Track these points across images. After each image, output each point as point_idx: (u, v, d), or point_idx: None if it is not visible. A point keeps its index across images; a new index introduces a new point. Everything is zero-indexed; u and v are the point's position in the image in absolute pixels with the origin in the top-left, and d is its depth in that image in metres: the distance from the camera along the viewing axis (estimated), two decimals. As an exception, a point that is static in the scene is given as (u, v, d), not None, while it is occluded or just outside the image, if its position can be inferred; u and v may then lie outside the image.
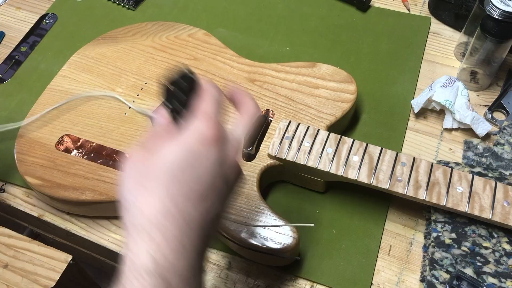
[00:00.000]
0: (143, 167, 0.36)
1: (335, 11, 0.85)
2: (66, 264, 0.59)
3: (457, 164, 0.63)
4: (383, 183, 0.56)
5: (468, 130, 0.68)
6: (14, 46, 0.84)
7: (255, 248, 0.55)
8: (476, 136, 0.66)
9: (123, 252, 0.35)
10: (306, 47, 0.81)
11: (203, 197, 0.36)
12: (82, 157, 0.64)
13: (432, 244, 0.56)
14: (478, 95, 0.73)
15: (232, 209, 0.57)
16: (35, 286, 0.58)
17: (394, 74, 0.76)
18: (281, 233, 0.55)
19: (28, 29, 0.86)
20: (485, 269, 0.54)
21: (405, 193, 0.55)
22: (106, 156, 0.64)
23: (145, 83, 0.71)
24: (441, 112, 0.70)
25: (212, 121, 0.38)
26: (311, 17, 0.85)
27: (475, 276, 0.53)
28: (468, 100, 0.67)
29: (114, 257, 0.64)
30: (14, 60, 0.81)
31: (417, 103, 0.69)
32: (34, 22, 0.87)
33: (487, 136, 0.67)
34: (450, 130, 0.69)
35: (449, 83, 0.68)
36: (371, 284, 0.57)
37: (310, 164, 0.58)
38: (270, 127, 0.64)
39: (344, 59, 0.78)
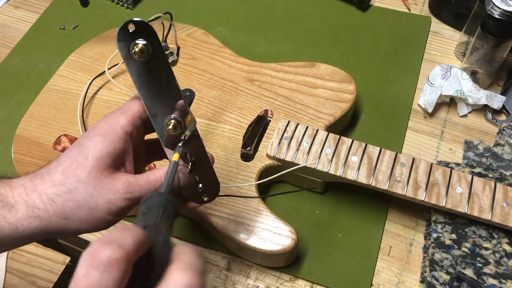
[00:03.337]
0: None
1: (335, 10, 0.85)
2: (64, 266, 0.59)
3: (457, 164, 0.62)
4: (382, 184, 0.56)
5: (468, 130, 0.68)
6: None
7: (253, 249, 0.54)
8: (478, 136, 0.66)
9: None
10: (305, 46, 0.80)
11: None
12: (80, 158, 0.64)
13: (432, 245, 0.56)
14: (478, 95, 0.72)
15: (231, 210, 0.57)
16: None
17: (394, 73, 0.75)
18: (279, 234, 0.55)
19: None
20: (486, 270, 0.54)
21: (404, 193, 0.55)
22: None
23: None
24: (440, 105, 0.70)
25: None
26: (311, 16, 0.84)
27: (475, 277, 0.53)
28: (472, 81, 0.68)
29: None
30: None
31: (428, 102, 0.68)
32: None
33: (487, 137, 0.67)
34: (452, 128, 0.69)
35: (446, 72, 0.68)
36: (371, 285, 0.57)
37: (308, 164, 0.58)
38: (268, 127, 0.64)
39: (344, 58, 0.78)
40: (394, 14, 0.83)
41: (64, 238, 0.67)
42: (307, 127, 0.61)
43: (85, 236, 0.62)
